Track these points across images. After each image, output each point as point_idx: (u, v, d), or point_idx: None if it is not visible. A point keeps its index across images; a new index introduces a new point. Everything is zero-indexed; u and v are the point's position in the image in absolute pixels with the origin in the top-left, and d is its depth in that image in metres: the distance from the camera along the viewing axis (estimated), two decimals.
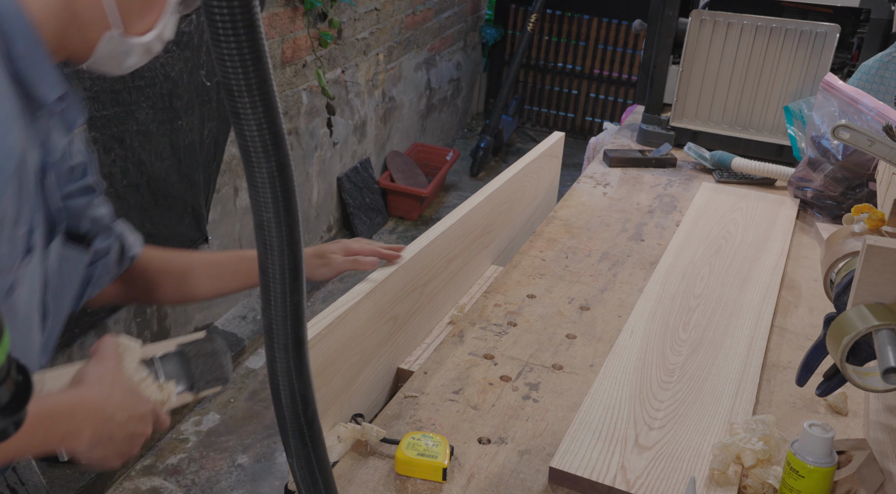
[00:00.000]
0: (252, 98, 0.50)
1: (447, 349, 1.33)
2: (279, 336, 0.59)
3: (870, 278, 0.94)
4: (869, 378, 0.93)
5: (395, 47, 4.15)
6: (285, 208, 0.54)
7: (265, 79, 0.50)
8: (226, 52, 0.48)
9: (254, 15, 0.48)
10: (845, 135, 1.00)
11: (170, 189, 2.30)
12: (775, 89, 2.19)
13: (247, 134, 0.51)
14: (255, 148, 0.52)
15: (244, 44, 0.48)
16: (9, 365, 0.43)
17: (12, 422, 0.44)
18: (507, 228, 1.77)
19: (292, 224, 0.55)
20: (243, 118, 0.51)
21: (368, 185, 4.00)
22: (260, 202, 0.54)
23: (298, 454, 0.65)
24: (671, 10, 2.23)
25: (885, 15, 2.13)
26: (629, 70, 5.26)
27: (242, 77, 0.49)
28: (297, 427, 0.64)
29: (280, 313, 0.58)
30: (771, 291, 1.52)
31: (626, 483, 1.01)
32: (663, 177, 2.13)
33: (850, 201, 1.80)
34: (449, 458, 1.05)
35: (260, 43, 0.49)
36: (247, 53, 0.48)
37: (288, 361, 0.60)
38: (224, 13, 0.47)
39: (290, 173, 0.54)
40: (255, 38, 0.48)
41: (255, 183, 0.53)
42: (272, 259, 0.56)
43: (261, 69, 0.49)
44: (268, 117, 0.51)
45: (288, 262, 0.56)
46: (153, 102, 2.11)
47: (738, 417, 1.15)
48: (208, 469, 2.46)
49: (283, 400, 0.62)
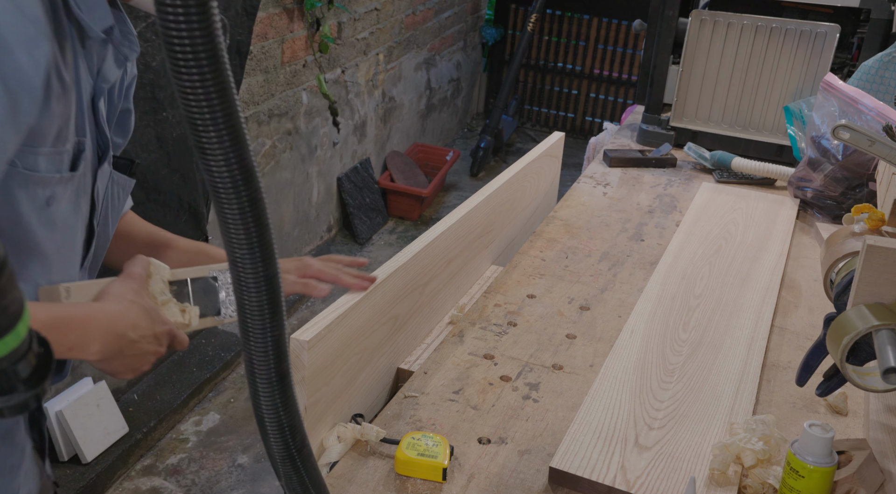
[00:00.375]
0: (218, 132, 0.47)
1: (447, 349, 1.33)
2: (262, 371, 0.58)
3: (870, 278, 0.94)
4: (869, 378, 0.93)
5: (395, 47, 4.15)
6: (259, 243, 0.52)
7: (231, 112, 0.47)
8: (187, 84, 0.45)
9: (217, 44, 0.45)
10: (845, 135, 1.00)
11: (160, 183, 2.28)
12: (775, 89, 2.19)
13: (214, 170, 0.49)
14: (224, 184, 0.49)
15: (207, 75, 0.45)
16: (30, 338, 0.44)
17: (34, 395, 0.45)
18: (507, 228, 1.77)
19: (268, 259, 0.53)
20: (209, 153, 0.48)
21: (368, 185, 4.00)
22: (232, 239, 0.52)
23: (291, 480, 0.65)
24: (671, 10, 2.23)
25: (885, 15, 2.13)
26: (629, 70, 5.26)
27: (207, 111, 0.46)
28: (288, 456, 0.63)
29: (261, 348, 0.57)
30: (771, 291, 1.52)
31: (626, 483, 1.01)
32: (663, 177, 2.13)
33: (850, 201, 1.80)
34: (449, 458, 1.05)
35: (224, 74, 0.46)
36: (211, 86, 0.46)
37: (273, 395, 0.59)
38: (185, 43, 0.44)
39: (262, 207, 0.52)
40: (220, 69, 0.46)
41: (226, 220, 0.51)
42: (248, 296, 0.54)
43: (226, 102, 0.47)
44: (236, 151, 0.48)
45: (266, 298, 0.55)
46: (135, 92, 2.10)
47: (738, 417, 1.15)
48: (208, 469, 2.46)
49: (269, 432, 0.61)
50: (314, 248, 3.67)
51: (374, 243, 3.95)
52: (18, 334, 0.42)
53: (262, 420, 0.61)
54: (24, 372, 0.44)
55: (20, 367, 0.44)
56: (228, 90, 0.47)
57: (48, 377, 0.46)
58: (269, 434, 0.62)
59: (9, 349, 0.42)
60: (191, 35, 0.44)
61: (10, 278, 0.41)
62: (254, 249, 0.52)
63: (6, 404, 0.44)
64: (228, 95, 0.47)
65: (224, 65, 0.46)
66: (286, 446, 0.62)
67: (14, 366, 0.43)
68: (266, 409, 0.60)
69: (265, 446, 0.64)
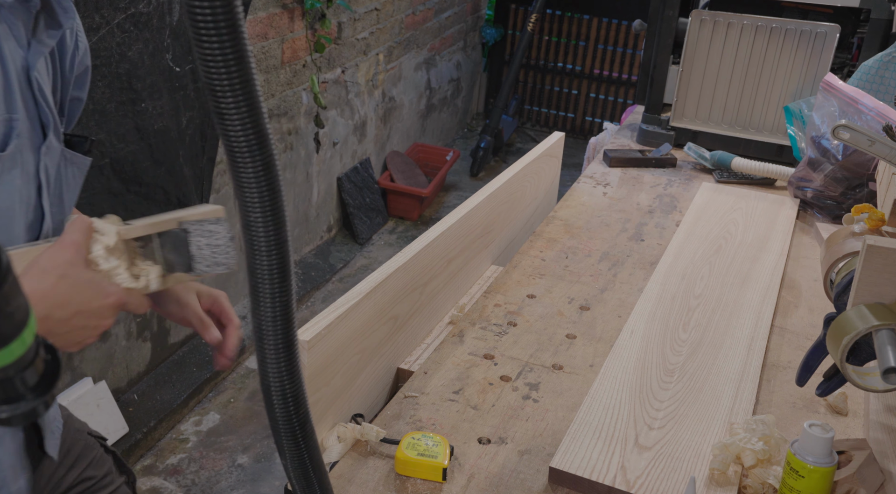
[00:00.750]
0: (236, 98, 0.49)
1: (447, 349, 1.33)
2: (269, 337, 0.59)
3: (870, 278, 0.94)
4: (869, 378, 0.93)
5: (395, 47, 4.15)
6: (272, 207, 0.54)
7: (248, 79, 0.49)
8: (208, 52, 0.47)
9: (236, 14, 0.47)
10: (845, 135, 1.00)
11: (141, 175, 2.24)
12: (775, 89, 2.19)
13: (231, 134, 0.51)
14: (240, 148, 0.51)
15: (227, 43, 0.47)
16: (36, 345, 0.44)
17: (42, 403, 0.45)
18: (507, 228, 1.77)
19: (279, 223, 0.55)
20: (227, 118, 0.50)
21: (368, 185, 4.00)
22: (246, 202, 0.54)
23: (292, 455, 0.65)
24: (671, 10, 2.23)
25: (885, 15, 2.13)
26: (629, 70, 5.26)
27: (225, 77, 0.48)
28: (290, 429, 0.63)
29: (269, 313, 0.58)
30: (771, 291, 1.52)
31: (626, 483, 1.01)
32: (663, 177, 2.13)
33: (850, 201, 1.80)
34: (449, 458, 1.05)
35: (242, 42, 0.48)
36: (230, 53, 0.48)
37: (279, 362, 0.60)
38: (206, 13, 0.46)
39: (275, 172, 0.53)
40: (238, 37, 0.48)
41: (241, 183, 0.53)
42: (260, 259, 0.56)
43: (244, 69, 0.49)
44: (251, 117, 0.51)
45: (276, 261, 0.56)
46: (109, 81, 2.07)
47: (738, 417, 1.15)
48: (208, 469, 2.46)
49: (274, 401, 0.62)
50: (314, 248, 3.67)
51: (374, 243, 3.95)
52: (24, 341, 0.42)
53: (268, 389, 0.61)
54: (31, 380, 0.44)
55: (27, 375, 0.43)
56: (246, 58, 0.48)
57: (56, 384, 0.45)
58: (274, 403, 0.61)
59: (14, 356, 0.42)
60: (212, 5, 0.46)
61: (14, 284, 0.40)
62: (266, 211, 0.54)
63: (14, 412, 0.44)
64: (246, 63, 0.49)
65: (242, 34, 0.48)
66: (288, 417, 0.62)
67: (21, 374, 0.43)
68: (272, 376, 0.60)
69: (269, 418, 0.63)
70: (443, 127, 5.09)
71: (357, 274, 3.67)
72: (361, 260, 3.79)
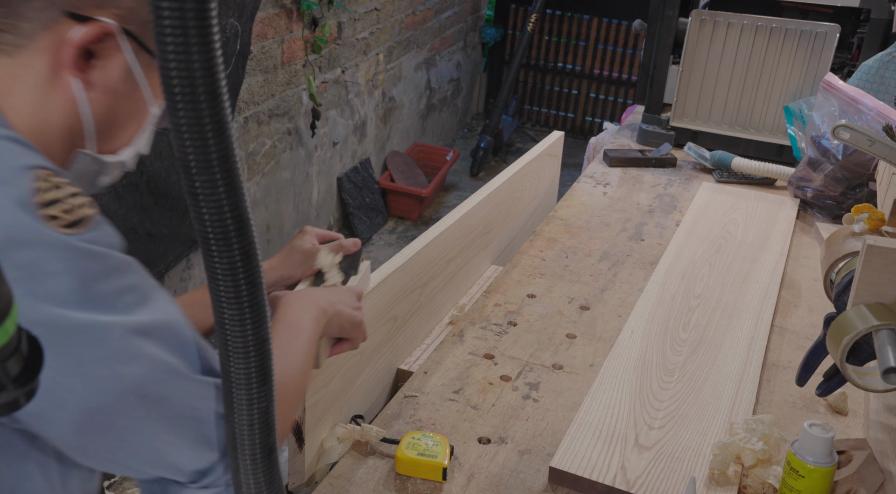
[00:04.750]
0: (212, 176, 0.44)
1: (447, 349, 1.33)
2: (244, 446, 0.53)
3: (870, 278, 0.94)
4: (869, 378, 0.93)
5: (395, 47, 4.15)
6: (250, 303, 0.48)
7: (228, 154, 0.44)
8: (183, 121, 0.42)
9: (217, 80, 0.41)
10: (845, 135, 1.00)
11: (170, 189, 2.30)
12: (775, 89, 2.19)
13: (206, 217, 0.45)
14: (216, 233, 0.45)
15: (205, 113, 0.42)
16: (18, 335, 0.44)
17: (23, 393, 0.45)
18: (507, 228, 1.77)
19: (259, 322, 0.49)
20: (202, 199, 0.44)
21: (368, 185, 4.00)
22: (221, 297, 0.47)
23: None
24: (671, 10, 2.23)
25: (885, 15, 2.13)
26: (629, 70, 5.26)
27: (202, 152, 0.43)
28: None
29: (246, 421, 0.52)
30: (771, 291, 1.52)
31: (626, 482, 1.01)
32: (663, 177, 2.13)
33: (850, 201, 1.80)
34: (449, 458, 1.05)
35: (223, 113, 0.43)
36: (208, 125, 0.42)
37: (256, 473, 0.54)
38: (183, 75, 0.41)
39: (256, 263, 0.47)
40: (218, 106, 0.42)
41: (216, 274, 0.47)
42: (235, 362, 0.50)
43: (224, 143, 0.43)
44: (230, 198, 0.45)
45: (254, 365, 0.50)
46: None
47: (738, 417, 1.15)
48: None
49: None
50: None
51: (374, 243, 3.95)
52: (6, 330, 0.41)
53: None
54: (13, 370, 0.43)
55: (9, 365, 0.43)
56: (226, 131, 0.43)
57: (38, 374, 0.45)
58: None
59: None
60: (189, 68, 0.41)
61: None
62: (244, 309, 0.48)
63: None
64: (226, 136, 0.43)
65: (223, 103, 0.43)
66: None
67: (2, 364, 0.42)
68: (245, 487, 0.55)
69: None
70: (443, 127, 5.09)
71: None
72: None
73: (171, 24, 0.39)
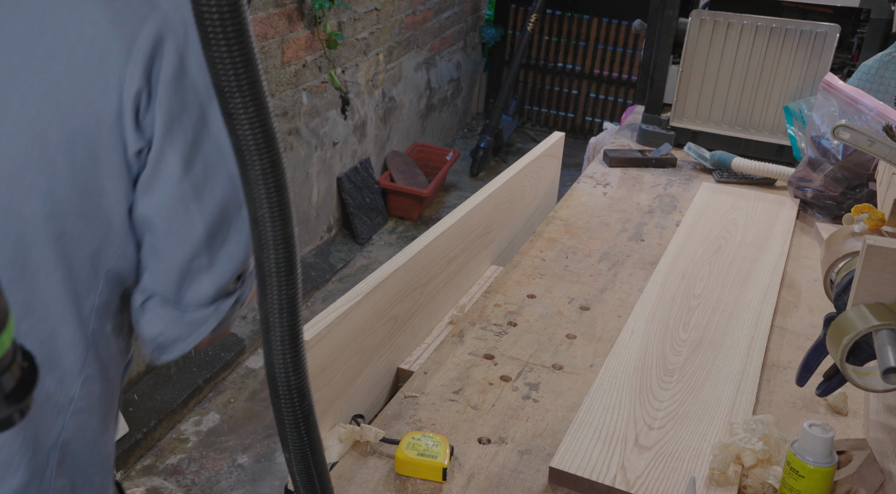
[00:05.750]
0: (244, 99, 0.51)
1: (447, 349, 1.33)
2: (275, 329, 0.61)
3: (870, 278, 0.94)
4: (869, 378, 0.93)
5: (395, 47, 4.15)
6: (279, 203, 0.56)
7: (255, 80, 0.51)
8: (216, 55, 0.50)
9: (243, 19, 0.49)
10: (845, 135, 1.00)
11: None
12: (775, 89, 2.19)
13: (239, 133, 0.53)
14: (248, 146, 0.53)
15: (234, 46, 0.50)
16: (14, 351, 0.43)
17: (17, 410, 0.44)
18: (507, 228, 1.77)
19: (286, 219, 0.57)
20: (235, 118, 0.52)
21: (368, 185, 4.00)
22: (254, 198, 0.56)
23: (295, 447, 0.66)
24: (671, 10, 2.23)
25: (885, 15, 2.13)
26: (629, 70, 5.26)
27: (234, 79, 0.51)
28: (293, 420, 0.65)
29: (276, 305, 0.60)
30: (771, 291, 1.52)
31: (626, 483, 1.01)
32: (663, 177, 2.13)
33: (850, 201, 1.80)
34: (449, 458, 1.05)
35: (249, 46, 0.50)
36: (237, 56, 0.50)
37: (284, 354, 0.62)
38: (214, 17, 0.48)
39: (282, 170, 0.56)
40: (245, 41, 0.50)
41: (249, 180, 0.55)
42: (267, 253, 0.58)
43: (251, 71, 0.51)
44: (259, 117, 0.53)
45: (283, 255, 0.58)
46: None
47: (738, 417, 1.15)
48: (208, 469, 2.46)
49: (280, 392, 0.63)
50: (314, 248, 3.67)
51: (374, 243, 3.95)
52: (2, 344, 0.41)
53: (274, 380, 0.63)
54: (7, 385, 0.43)
55: (4, 380, 0.43)
56: (253, 60, 0.51)
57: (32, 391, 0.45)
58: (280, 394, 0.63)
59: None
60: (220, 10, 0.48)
61: None
62: (273, 207, 0.56)
63: None
64: (253, 65, 0.51)
65: (249, 37, 0.50)
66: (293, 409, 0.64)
67: None
68: (277, 368, 0.62)
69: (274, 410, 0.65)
70: (443, 127, 5.09)
71: (357, 274, 3.67)
72: (361, 260, 3.79)
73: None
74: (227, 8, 0.48)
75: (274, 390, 0.63)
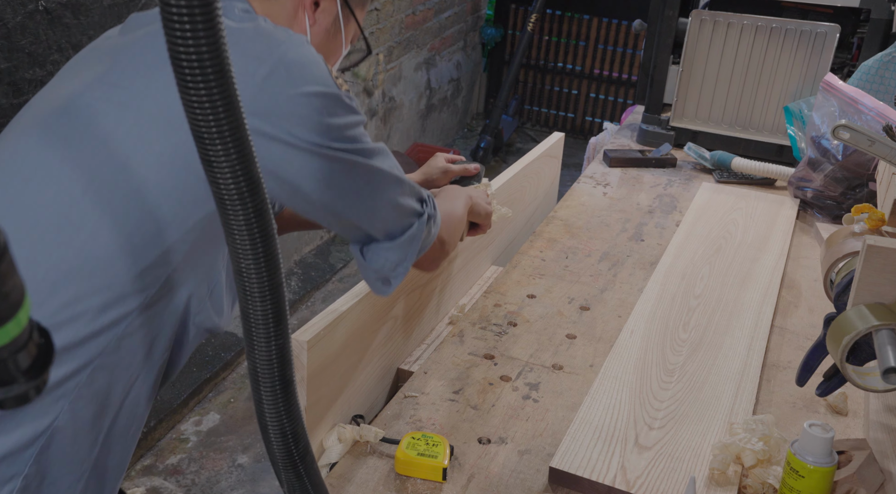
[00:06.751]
0: (224, 145, 0.49)
1: (447, 349, 1.33)
2: (265, 379, 0.59)
3: (870, 278, 0.94)
4: (869, 378, 0.93)
5: (395, 47, 4.15)
6: (265, 253, 0.54)
7: (237, 125, 0.49)
8: (195, 99, 0.47)
9: (223, 58, 0.46)
10: (845, 135, 1.00)
11: None
12: (775, 89, 2.19)
13: (220, 182, 0.50)
14: (230, 195, 0.51)
15: (214, 90, 0.47)
16: (31, 328, 0.43)
17: (34, 386, 0.44)
18: (507, 228, 1.77)
19: (273, 269, 0.55)
20: (216, 166, 0.50)
21: None
22: (237, 249, 0.53)
23: (293, 486, 0.66)
24: (671, 10, 2.23)
25: (885, 15, 2.13)
26: (629, 70, 5.26)
27: (213, 124, 0.48)
28: (291, 463, 0.64)
29: (265, 357, 0.58)
30: (771, 291, 1.52)
31: (626, 483, 1.01)
32: (663, 177, 2.13)
33: (850, 201, 1.80)
34: (449, 458, 1.05)
35: (230, 88, 0.47)
36: (217, 100, 0.47)
37: (276, 402, 0.61)
38: (192, 58, 0.45)
39: (268, 218, 0.53)
40: (226, 83, 0.47)
41: (232, 230, 0.52)
42: (254, 305, 0.56)
43: (232, 115, 0.48)
44: (242, 163, 0.50)
45: (271, 307, 0.56)
46: None
47: (738, 417, 1.15)
48: (208, 469, 2.46)
49: (272, 439, 0.62)
50: (314, 248, 3.66)
51: None
52: (20, 322, 0.41)
53: (266, 428, 0.62)
54: (24, 363, 0.43)
55: (20, 357, 0.43)
56: (235, 104, 0.48)
57: (48, 367, 0.45)
58: (273, 441, 0.62)
59: (10, 337, 0.41)
60: (198, 51, 0.45)
61: (10, 264, 0.40)
62: (259, 259, 0.54)
63: (6, 395, 0.43)
64: (235, 109, 0.48)
65: (230, 79, 0.47)
66: (289, 453, 0.63)
67: (14, 356, 0.42)
68: (269, 416, 0.61)
69: (268, 453, 0.64)
70: (443, 127, 5.09)
71: (357, 274, 3.66)
72: None
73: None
74: (206, 48, 0.45)
75: (266, 435, 0.62)
